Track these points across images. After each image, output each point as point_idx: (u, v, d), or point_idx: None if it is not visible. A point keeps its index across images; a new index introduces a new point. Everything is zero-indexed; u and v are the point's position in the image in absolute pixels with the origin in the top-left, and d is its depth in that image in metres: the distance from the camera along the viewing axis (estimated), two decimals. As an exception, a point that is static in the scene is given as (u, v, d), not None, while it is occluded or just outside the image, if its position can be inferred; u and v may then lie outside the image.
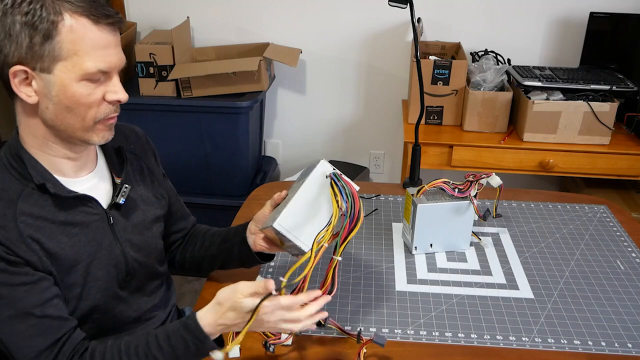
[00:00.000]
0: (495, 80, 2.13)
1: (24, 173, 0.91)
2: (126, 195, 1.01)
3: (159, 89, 2.23)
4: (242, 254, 1.13)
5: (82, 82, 0.87)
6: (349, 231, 0.92)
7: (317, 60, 2.56)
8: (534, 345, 1.01)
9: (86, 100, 0.88)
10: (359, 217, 0.92)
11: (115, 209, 1.01)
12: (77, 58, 0.85)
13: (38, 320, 0.86)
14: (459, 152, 2.12)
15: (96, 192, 0.98)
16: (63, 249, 0.91)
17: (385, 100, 2.60)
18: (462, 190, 1.24)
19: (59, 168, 0.94)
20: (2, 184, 0.90)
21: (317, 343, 1.02)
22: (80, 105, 0.88)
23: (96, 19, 0.86)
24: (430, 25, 2.43)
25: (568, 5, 2.34)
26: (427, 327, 1.05)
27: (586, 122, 2.04)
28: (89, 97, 0.88)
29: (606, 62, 2.26)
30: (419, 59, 1.48)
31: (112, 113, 0.92)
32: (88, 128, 0.91)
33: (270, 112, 2.68)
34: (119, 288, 1.01)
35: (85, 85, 0.87)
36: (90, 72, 0.86)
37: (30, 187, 0.90)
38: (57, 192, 0.91)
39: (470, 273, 1.22)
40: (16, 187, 0.90)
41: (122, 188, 1.01)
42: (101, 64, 0.87)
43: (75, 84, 0.86)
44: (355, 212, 0.92)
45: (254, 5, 2.48)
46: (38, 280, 0.88)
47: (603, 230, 1.39)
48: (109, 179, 1.03)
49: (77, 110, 0.88)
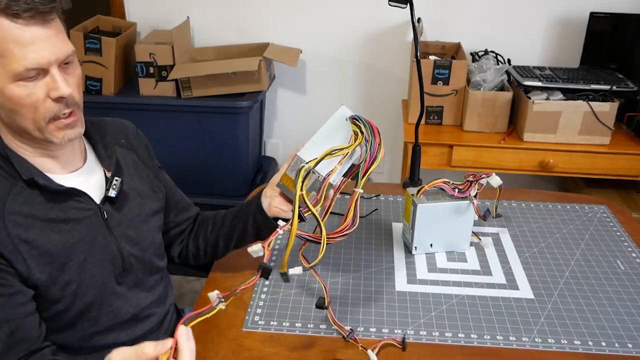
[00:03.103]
0: (495, 80, 2.13)
1: (11, 172, 0.90)
2: (118, 188, 0.99)
3: (159, 89, 2.23)
4: (258, 222, 1.12)
5: (18, 83, 0.83)
6: (369, 164, 0.95)
7: (317, 60, 2.56)
8: (534, 345, 1.01)
9: (27, 101, 0.84)
10: (379, 150, 0.95)
11: (109, 203, 1.00)
12: (3, 60, 0.81)
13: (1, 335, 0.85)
14: (459, 152, 2.12)
15: (88, 188, 0.97)
16: (55, 246, 0.90)
17: (385, 100, 2.60)
18: (462, 190, 1.24)
19: (44, 167, 0.93)
20: None
21: (317, 343, 1.02)
22: (22, 106, 0.84)
23: (15, 13, 0.79)
24: (430, 25, 2.43)
25: (568, 5, 2.34)
26: (427, 327, 1.05)
27: (586, 122, 2.04)
28: (29, 98, 0.84)
29: (606, 62, 2.26)
30: (419, 59, 1.48)
31: (62, 110, 0.87)
32: (42, 129, 0.87)
33: (270, 112, 2.68)
34: (116, 283, 1.00)
35: (22, 85, 0.83)
36: (19, 72, 0.81)
37: (20, 185, 0.89)
38: (47, 184, 0.90)
39: (470, 273, 1.22)
40: (4, 187, 0.89)
41: (112, 181, 0.99)
42: (29, 62, 0.81)
43: (11, 86, 0.83)
44: (376, 145, 0.95)
45: (254, 5, 2.48)
46: (14, 294, 0.86)
47: (603, 230, 1.39)
48: (101, 173, 1.01)
49: (22, 112, 0.85)
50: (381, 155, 0.95)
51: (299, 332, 1.04)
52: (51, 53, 0.83)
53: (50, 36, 0.83)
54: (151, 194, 1.09)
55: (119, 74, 2.29)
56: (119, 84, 2.30)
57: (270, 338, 1.02)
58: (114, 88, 2.25)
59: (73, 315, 0.95)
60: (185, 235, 1.22)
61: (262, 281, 1.18)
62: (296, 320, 1.07)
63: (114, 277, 1.00)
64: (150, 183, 1.10)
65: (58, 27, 0.86)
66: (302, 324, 1.06)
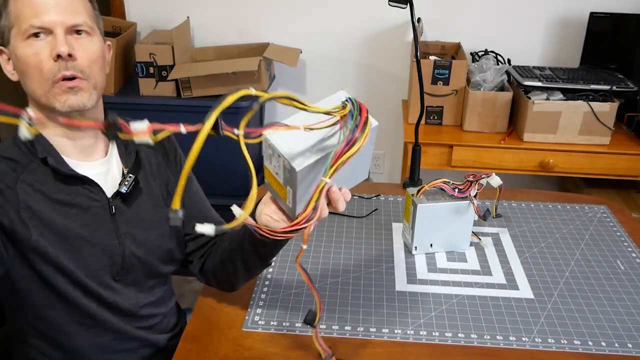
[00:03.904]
0: (495, 80, 2.13)
1: (31, 149, 0.94)
2: (130, 185, 0.99)
3: (159, 89, 2.23)
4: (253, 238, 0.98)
5: (26, 42, 0.90)
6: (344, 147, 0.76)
7: (317, 60, 2.56)
8: (534, 345, 1.01)
9: (32, 60, 0.90)
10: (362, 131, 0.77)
11: (121, 200, 1.00)
12: (19, 21, 0.90)
13: None
14: (459, 152, 2.12)
15: (102, 180, 0.98)
16: (54, 221, 0.92)
17: (385, 100, 2.60)
18: (462, 190, 1.24)
19: (62, 149, 0.96)
20: (12, 155, 0.93)
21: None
22: (29, 66, 0.90)
23: None
24: (430, 25, 2.43)
25: (568, 5, 2.34)
26: (427, 327, 1.05)
27: (586, 122, 2.04)
28: (35, 57, 0.89)
29: (606, 62, 2.26)
30: (419, 59, 1.48)
31: (62, 70, 0.90)
32: (47, 92, 0.91)
33: (270, 112, 2.68)
34: (113, 280, 1.00)
35: (30, 44, 0.90)
36: (25, 29, 0.89)
37: (36, 163, 0.93)
38: (58, 167, 0.93)
39: (470, 273, 1.22)
40: (24, 160, 0.93)
41: (126, 177, 1.00)
42: (34, 20, 0.88)
43: (22, 45, 0.90)
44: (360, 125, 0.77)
45: (254, 5, 2.48)
46: None
47: (603, 230, 1.39)
48: (119, 170, 1.03)
49: (29, 73, 0.91)
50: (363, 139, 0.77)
51: (299, 332, 1.04)
52: (56, 14, 0.90)
53: (60, 2, 0.90)
54: (161, 200, 1.07)
55: (119, 74, 2.29)
56: (119, 84, 2.30)
57: (270, 338, 1.02)
58: (114, 88, 2.25)
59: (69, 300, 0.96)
60: (206, 251, 1.13)
61: (262, 281, 1.18)
62: (296, 320, 1.07)
63: (110, 273, 0.99)
64: (169, 188, 1.08)
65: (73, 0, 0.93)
66: (302, 324, 1.06)
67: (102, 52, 0.97)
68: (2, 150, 0.94)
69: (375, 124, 0.81)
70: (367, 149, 0.84)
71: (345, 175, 0.83)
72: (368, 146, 0.83)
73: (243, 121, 0.69)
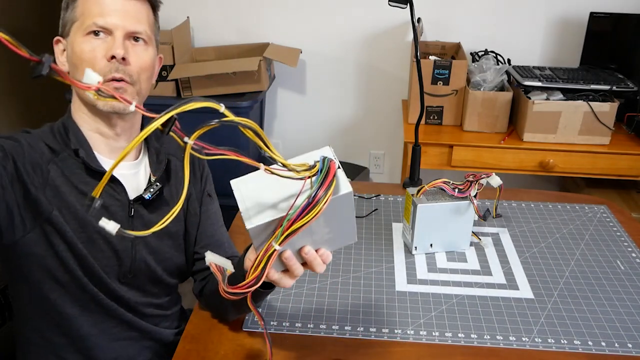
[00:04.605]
0: (495, 80, 2.13)
1: (66, 140, 0.96)
2: (154, 193, 1.01)
3: (159, 89, 2.23)
4: None
5: (85, 37, 0.92)
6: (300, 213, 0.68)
7: (317, 60, 2.56)
8: (534, 345, 1.01)
9: (87, 55, 0.92)
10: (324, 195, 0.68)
11: (142, 205, 1.01)
12: (83, 17, 0.93)
13: None
14: (459, 152, 2.12)
15: (127, 182, 0.99)
16: (76, 208, 0.94)
17: (385, 100, 2.60)
18: (462, 190, 1.24)
19: (95, 144, 0.98)
20: (47, 141, 0.95)
21: (317, 343, 1.02)
22: (82, 61, 0.92)
23: None
24: (430, 25, 2.43)
25: (568, 5, 2.34)
26: (427, 327, 1.05)
27: (586, 122, 2.04)
28: (90, 53, 0.92)
29: (606, 62, 2.26)
30: (419, 59, 1.48)
31: (112, 71, 0.92)
32: None
33: (270, 112, 2.68)
34: (118, 281, 1.00)
35: (88, 40, 0.92)
36: (88, 25, 0.92)
37: (68, 152, 0.95)
38: (87, 161, 0.95)
39: (470, 273, 1.22)
40: (57, 148, 0.95)
41: (153, 184, 1.01)
42: (98, 18, 0.91)
43: (81, 40, 0.93)
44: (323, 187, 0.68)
45: (254, 5, 2.48)
46: None
47: (603, 230, 1.39)
48: (146, 176, 1.04)
49: (81, 67, 0.92)
50: (322, 203, 0.67)
51: (299, 332, 1.04)
52: (120, 19, 0.93)
53: (126, 8, 0.94)
54: (181, 213, 1.08)
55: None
56: (119, 84, 2.30)
57: (270, 338, 1.02)
58: (114, 88, 2.25)
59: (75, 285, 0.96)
60: (207, 275, 1.11)
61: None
62: (296, 320, 1.07)
63: (116, 275, 1.00)
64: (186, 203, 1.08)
65: (139, 8, 0.96)
66: (302, 324, 1.06)
67: (153, 63, 1.00)
68: (40, 134, 0.96)
69: (347, 191, 0.72)
70: (344, 215, 0.76)
71: (322, 238, 0.78)
72: (344, 212, 0.76)
73: (197, 132, 0.64)
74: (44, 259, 0.94)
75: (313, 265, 0.80)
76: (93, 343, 1.02)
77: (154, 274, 1.05)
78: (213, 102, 0.62)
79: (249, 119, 0.69)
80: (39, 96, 3.01)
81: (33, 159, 0.91)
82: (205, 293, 1.09)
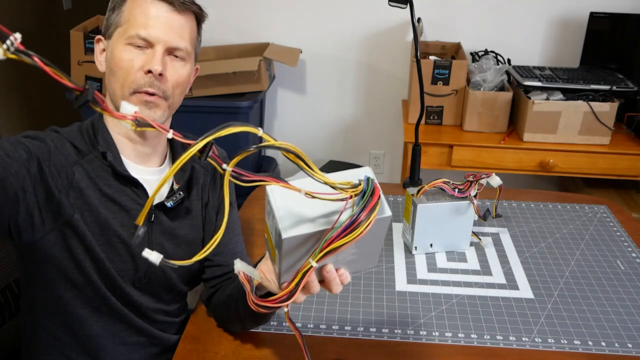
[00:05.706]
0: (495, 80, 2.13)
1: (93, 141, 0.96)
2: (177, 202, 1.01)
3: (159, 89, 2.23)
4: None
5: (126, 46, 0.93)
6: (340, 233, 0.67)
7: (317, 60, 2.56)
8: (534, 345, 1.01)
9: (124, 64, 0.93)
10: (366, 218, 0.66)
11: (162, 211, 1.01)
12: (128, 24, 0.93)
13: None
14: (459, 152, 2.12)
15: (150, 188, 0.99)
16: (98, 211, 0.94)
17: (385, 100, 2.60)
18: (462, 190, 1.24)
19: (122, 148, 0.98)
20: (75, 141, 0.95)
21: (317, 343, 1.02)
22: (119, 68, 0.93)
23: None
24: (430, 25, 2.43)
25: (568, 5, 2.34)
26: (427, 327, 1.05)
27: (586, 122, 2.04)
28: (128, 62, 0.92)
29: (606, 62, 2.26)
30: (419, 59, 1.48)
31: (146, 85, 0.93)
32: (125, 97, 0.93)
33: (270, 112, 2.68)
34: (132, 285, 1.00)
35: (129, 50, 0.93)
36: (130, 35, 0.92)
37: (94, 154, 0.95)
38: (114, 164, 0.94)
39: (470, 273, 1.22)
40: (84, 149, 0.95)
41: (176, 193, 1.01)
42: (141, 29, 0.92)
43: (121, 47, 0.93)
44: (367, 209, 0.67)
45: (254, 5, 2.48)
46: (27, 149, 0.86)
47: (603, 230, 1.39)
48: (169, 183, 1.03)
49: (117, 74, 0.93)
50: (365, 226, 0.66)
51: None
52: (163, 34, 0.93)
53: (171, 22, 0.94)
54: (200, 220, 1.08)
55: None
56: (119, 84, 2.30)
57: (271, 338, 1.03)
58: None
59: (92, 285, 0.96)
60: (217, 283, 1.10)
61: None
62: (296, 321, 1.07)
63: (130, 279, 0.99)
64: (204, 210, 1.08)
65: (184, 23, 0.96)
66: (302, 324, 1.06)
67: (189, 77, 1.02)
68: (68, 134, 0.96)
69: (388, 214, 0.70)
70: (375, 238, 0.75)
71: (346, 258, 0.76)
72: (377, 236, 0.74)
73: (236, 158, 0.62)
74: (60, 260, 0.93)
75: (331, 285, 0.78)
76: (100, 345, 1.01)
77: (169, 280, 1.05)
78: (251, 126, 0.61)
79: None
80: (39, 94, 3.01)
81: (58, 161, 0.90)
82: (213, 302, 1.08)
